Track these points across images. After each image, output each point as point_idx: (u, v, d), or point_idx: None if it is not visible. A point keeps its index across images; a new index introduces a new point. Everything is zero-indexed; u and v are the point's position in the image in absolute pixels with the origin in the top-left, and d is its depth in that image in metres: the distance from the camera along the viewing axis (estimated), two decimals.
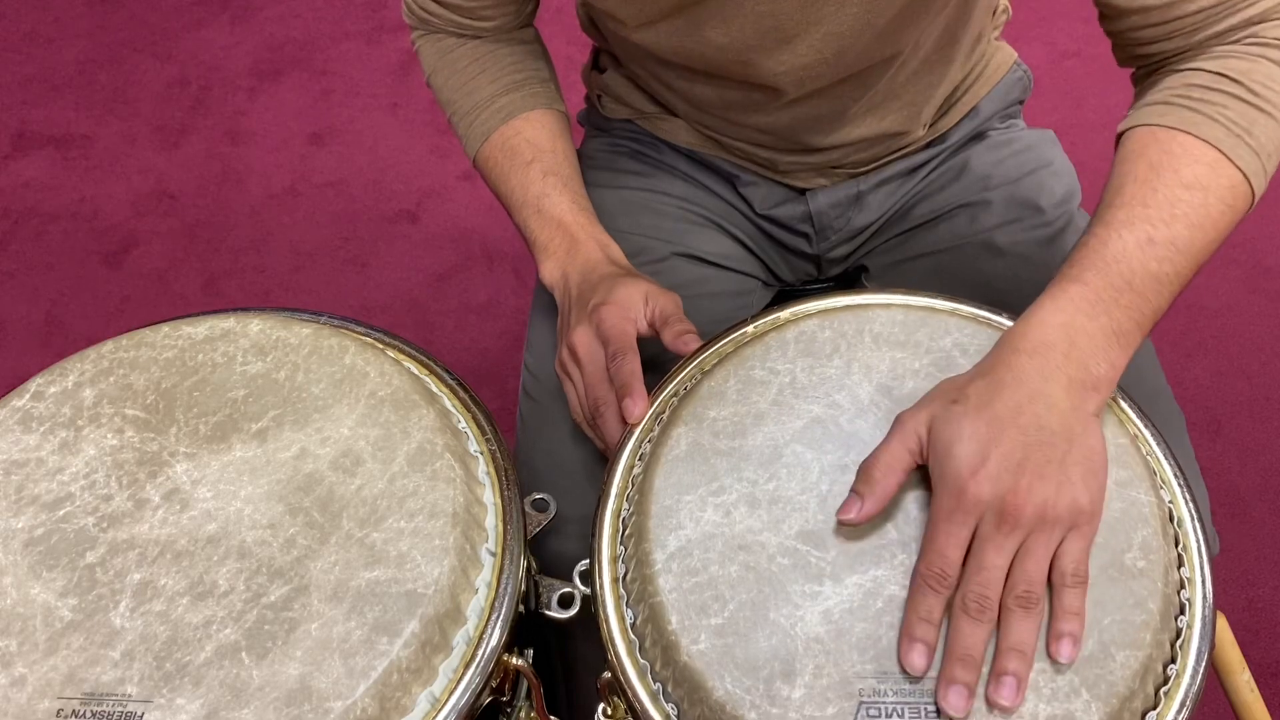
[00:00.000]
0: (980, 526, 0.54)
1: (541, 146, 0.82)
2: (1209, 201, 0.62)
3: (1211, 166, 0.63)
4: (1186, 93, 0.65)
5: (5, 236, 1.82)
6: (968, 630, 0.53)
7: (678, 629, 0.55)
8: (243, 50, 2.12)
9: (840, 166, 0.87)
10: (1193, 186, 0.62)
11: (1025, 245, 0.85)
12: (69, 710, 0.53)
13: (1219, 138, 0.63)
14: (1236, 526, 1.36)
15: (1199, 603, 0.57)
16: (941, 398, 0.58)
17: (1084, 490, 0.55)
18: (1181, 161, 0.63)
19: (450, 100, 0.86)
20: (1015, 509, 0.54)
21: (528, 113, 0.83)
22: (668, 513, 0.59)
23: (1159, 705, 0.54)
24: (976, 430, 0.55)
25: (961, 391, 0.58)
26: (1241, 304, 1.57)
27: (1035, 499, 0.54)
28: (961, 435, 0.55)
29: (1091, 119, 1.81)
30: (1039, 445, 0.55)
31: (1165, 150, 0.64)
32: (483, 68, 0.84)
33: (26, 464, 0.63)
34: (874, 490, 0.57)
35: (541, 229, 0.79)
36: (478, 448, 0.66)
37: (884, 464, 0.58)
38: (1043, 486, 0.54)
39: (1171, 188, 0.62)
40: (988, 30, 0.87)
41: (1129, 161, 0.64)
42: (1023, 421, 0.55)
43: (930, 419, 0.58)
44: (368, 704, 0.53)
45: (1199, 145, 0.63)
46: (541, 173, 0.80)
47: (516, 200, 0.81)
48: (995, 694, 0.52)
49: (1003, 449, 0.55)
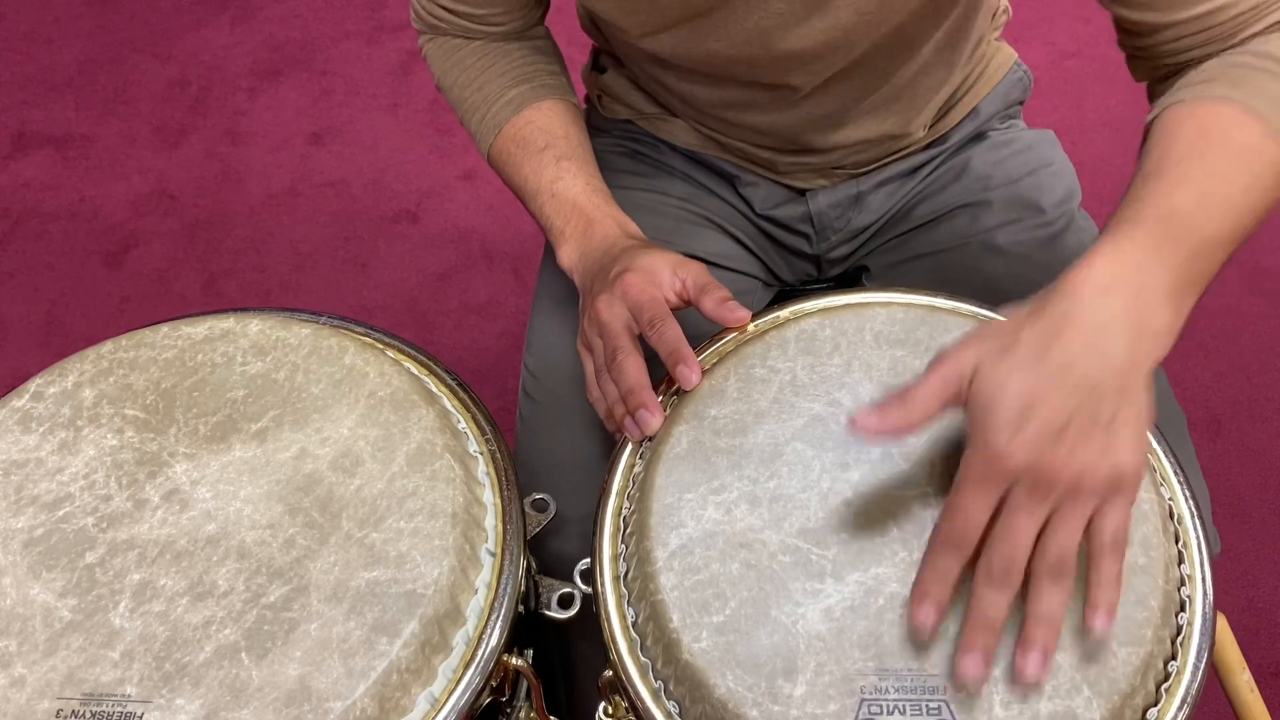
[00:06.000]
0: (1012, 492, 0.51)
1: (554, 133, 0.80)
2: (1258, 167, 0.59)
3: (1258, 137, 0.60)
4: (1226, 72, 0.63)
5: (5, 236, 1.82)
6: (990, 598, 0.51)
7: (679, 627, 0.55)
8: (243, 50, 2.12)
9: (840, 167, 0.87)
10: (1244, 149, 0.59)
11: (1026, 245, 0.85)
12: (68, 710, 0.53)
13: (1265, 112, 0.60)
14: (1236, 526, 1.36)
15: (1199, 599, 0.57)
16: (993, 340, 0.53)
17: (1130, 453, 0.52)
18: (1230, 129, 0.60)
19: (461, 99, 0.84)
20: (1052, 476, 0.50)
21: (539, 102, 0.82)
22: (669, 511, 0.59)
23: (1160, 702, 0.54)
24: (1023, 387, 0.51)
25: (1015, 336, 0.53)
26: (1241, 304, 1.57)
27: (1074, 466, 0.50)
28: (1006, 391, 0.51)
29: (1091, 119, 1.81)
30: (1087, 406, 0.51)
31: (1215, 117, 0.61)
32: (491, 62, 0.83)
33: (26, 464, 0.63)
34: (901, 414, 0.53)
35: (556, 213, 0.77)
36: (477, 448, 0.66)
37: (921, 396, 0.53)
38: (1085, 453, 0.51)
39: (1222, 149, 0.59)
40: (988, 33, 0.87)
41: (1176, 129, 0.61)
42: (1074, 379, 0.51)
43: (977, 363, 0.53)
44: (367, 704, 0.53)
45: (1247, 117, 0.60)
46: (555, 158, 0.79)
47: (531, 188, 0.79)
48: (1021, 664, 0.50)
49: (1047, 411, 0.50)
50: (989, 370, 0.52)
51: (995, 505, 0.52)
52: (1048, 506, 0.51)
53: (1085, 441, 0.51)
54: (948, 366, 0.54)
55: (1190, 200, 0.56)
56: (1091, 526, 0.52)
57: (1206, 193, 0.57)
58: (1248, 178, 0.59)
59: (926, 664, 0.53)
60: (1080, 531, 0.52)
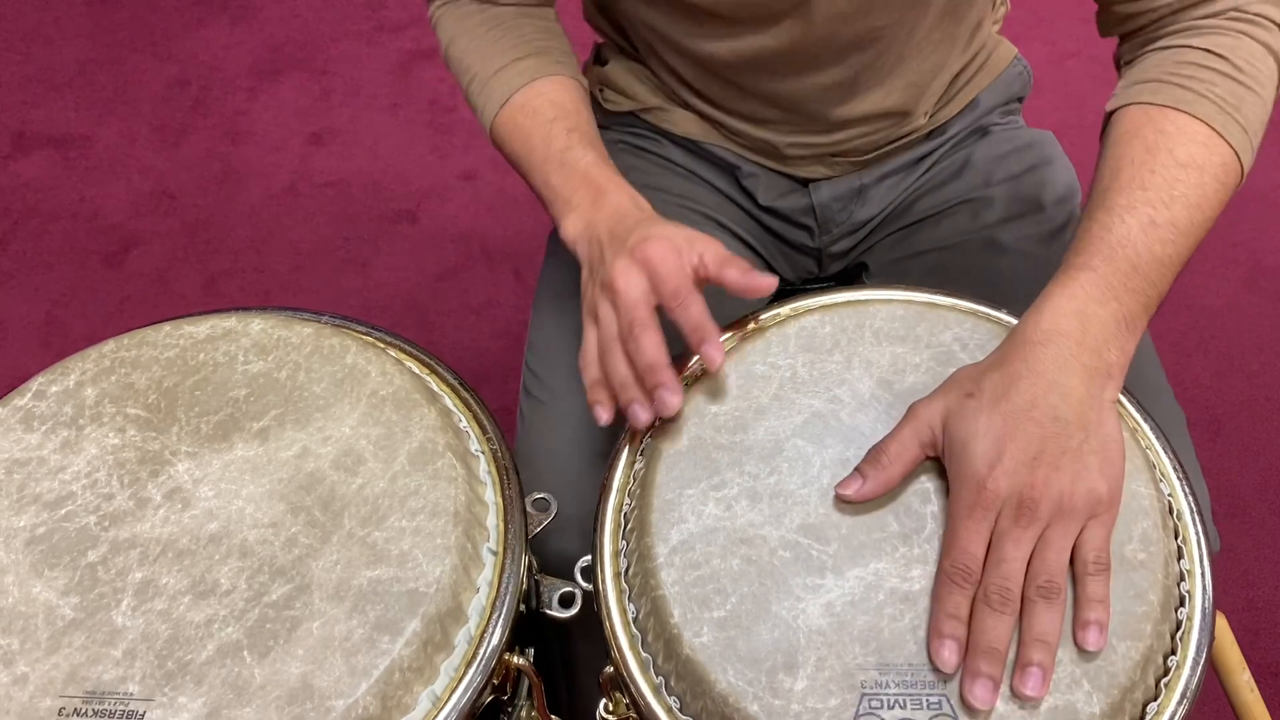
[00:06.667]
0: (999, 521, 0.55)
1: (565, 107, 0.78)
2: (1205, 180, 0.62)
3: (1205, 144, 0.63)
4: (1177, 70, 0.65)
5: (5, 236, 1.82)
6: (991, 623, 0.53)
7: (680, 622, 0.55)
8: (243, 50, 2.12)
9: (843, 154, 0.87)
10: (1189, 165, 0.62)
11: (1027, 242, 0.85)
12: (71, 709, 0.53)
13: (1211, 115, 0.63)
14: (1236, 526, 1.36)
15: (1199, 595, 0.57)
16: (956, 390, 0.58)
17: (1101, 479, 0.55)
18: (1176, 140, 0.63)
19: (469, 67, 0.81)
20: (1032, 502, 0.54)
21: (550, 76, 0.79)
22: (669, 507, 0.60)
23: (1159, 696, 0.54)
24: (992, 425, 0.56)
25: (976, 384, 0.57)
26: (1241, 304, 1.58)
27: (1052, 491, 0.54)
28: (977, 431, 0.56)
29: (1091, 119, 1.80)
30: (1054, 437, 0.55)
31: (1159, 129, 0.64)
32: (504, 33, 0.81)
33: (28, 463, 0.63)
34: (879, 473, 0.58)
35: (564, 183, 0.73)
36: (479, 447, 0.66)
37: (893, 451, 0.58)
38: (1059, 478, 0.54)
39: (1168, 168, 0.62)
40: (987, 18, 0.87)
41: (1124, 143, 0.64)
42: (1037, 414, 0.55)
43: (945, 412, 0.58)
44: (369, 703, 0.53)
45: (1192, 123, 0.63)
46: (565, 129, 0.75)
47: (538, 158, 0.75)
48: (1021, 685, 0.52)
49: (1018, 443, 0.55)
50: (957, 414, 0.57)
51: (989, 536, 0.55)
52: (1034, 532, 0.54)
53: (1057, 469, 0.55)
54: (918, 417, 0.58)
55: (1137, 229, 0.60)
56: (1075, 549, 0.55)
57: (1152, 220, 0.61)
58: (1195, 195, 0.62)
59: (927, 659, 0.54)
60: (1066, 553, 0.55)
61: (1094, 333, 0.58)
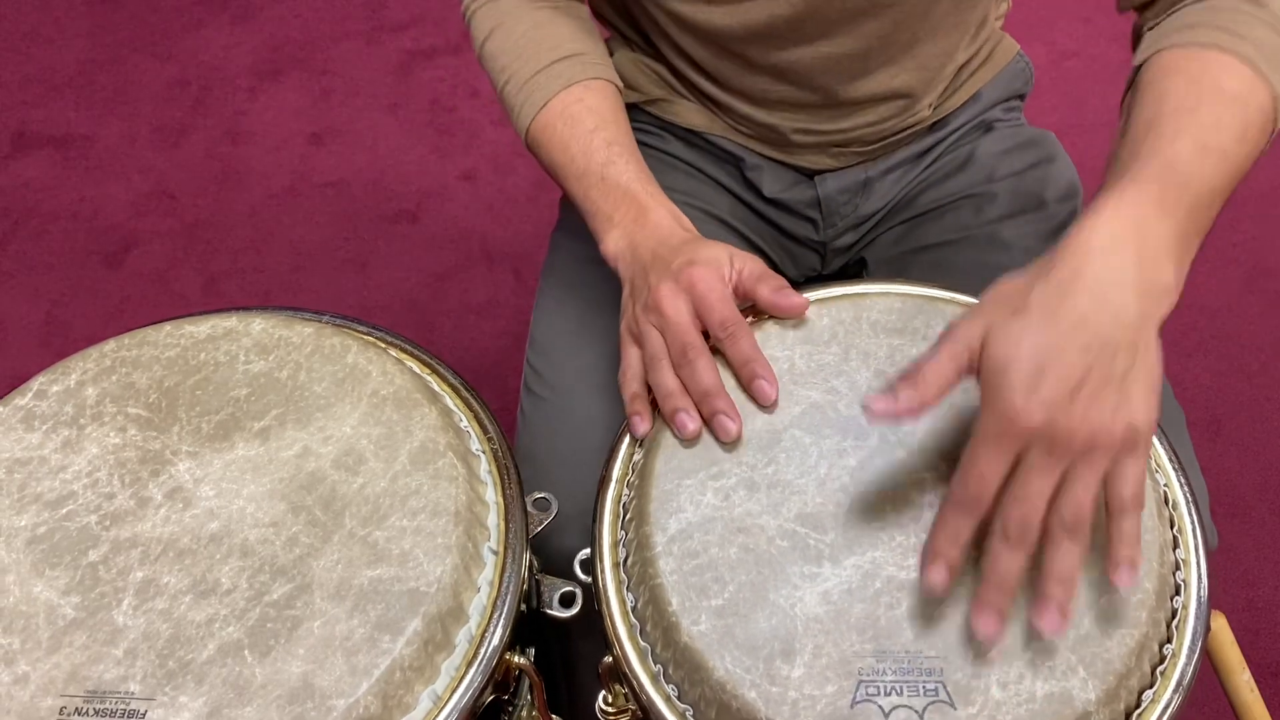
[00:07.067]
0: (1028, 452, 0.51)
1: (604, 115, 0.77)
2: (1249, 116, 0.60)
3: (1249, 82, 0.60)
4: (1212, 17, 0.63)
5: (5, 236, 1.82)
6: (1006, 557, 0.51)
7: (678, 610, 0.55)
8: (243, 50, 2.12)
9: (848, 145, 0.87)
10: (1235, 99, 0.60)
11: (1030, 239, 0.86)
12: (72, 708, 0.53)
13: (1252, 56, 0.61)
14: (1236, 526, 1.36)
15: (1194, 583, 0.58)
16: (1002, 305, 0.54)
17: (1143, 410, 0.52)
18: (1221, 75, 0.60)
19: (505, 67, 0.80)
20: (1068, 436, 0.50)
21: (589, 81, 0.79)
22: (668, 496, 0.60)
23: (1155, 684, 0.55)
24: (1036, 348, 0.51)
25: (1024, 298, 0.53)
26: (1241, 304, 1.58)
27: (1090, 425, 0.50)
28: (1020, 352, 0.51)
29: (1092, 119, 1.81)
30: (1101, 363, 0.51)
31: (1203, 66, 0.61)
32: (544, 34, 0.80)
33: (29, 462, 0.63)
34: (914, 394, 0.53)
35: (605, 198, 0.73)
36: (480, 446, 0.66)
37: (931, 374, 0.53)
38: (1099, 411, 0.51)
39: (1215, 99, 0.59)
40: (992, 12, 0.88)
41: (1165, 78, 0.61)
42: (1086, 337, 0.51)
43: (986, 330, 0.53)
44: (370, 702, 0.53)
45: (1234, 62, 0.61)
46: (605, 141, 0.75)
47: (577, 169, 0.75)
48: (1039, 618, 0.50)
49: (1061, 370, 0.50)
50: (1001, 333, 0.52)
51: (1009, 466, 0.51)
52: (1063, 465, 0.51)
53: (1099, 400, 0.51)
54: (958, 336, 0.54)
55: (1189, 151, 0.57)
56: (1109, 484, 0.52)
57: (1204, 144, 0.57)
58: (1240, 127, 0.59)
59: (923, 646, 0.54)
60: (1095, 489, 0.52)
61: (1152, 245, 0.53)
